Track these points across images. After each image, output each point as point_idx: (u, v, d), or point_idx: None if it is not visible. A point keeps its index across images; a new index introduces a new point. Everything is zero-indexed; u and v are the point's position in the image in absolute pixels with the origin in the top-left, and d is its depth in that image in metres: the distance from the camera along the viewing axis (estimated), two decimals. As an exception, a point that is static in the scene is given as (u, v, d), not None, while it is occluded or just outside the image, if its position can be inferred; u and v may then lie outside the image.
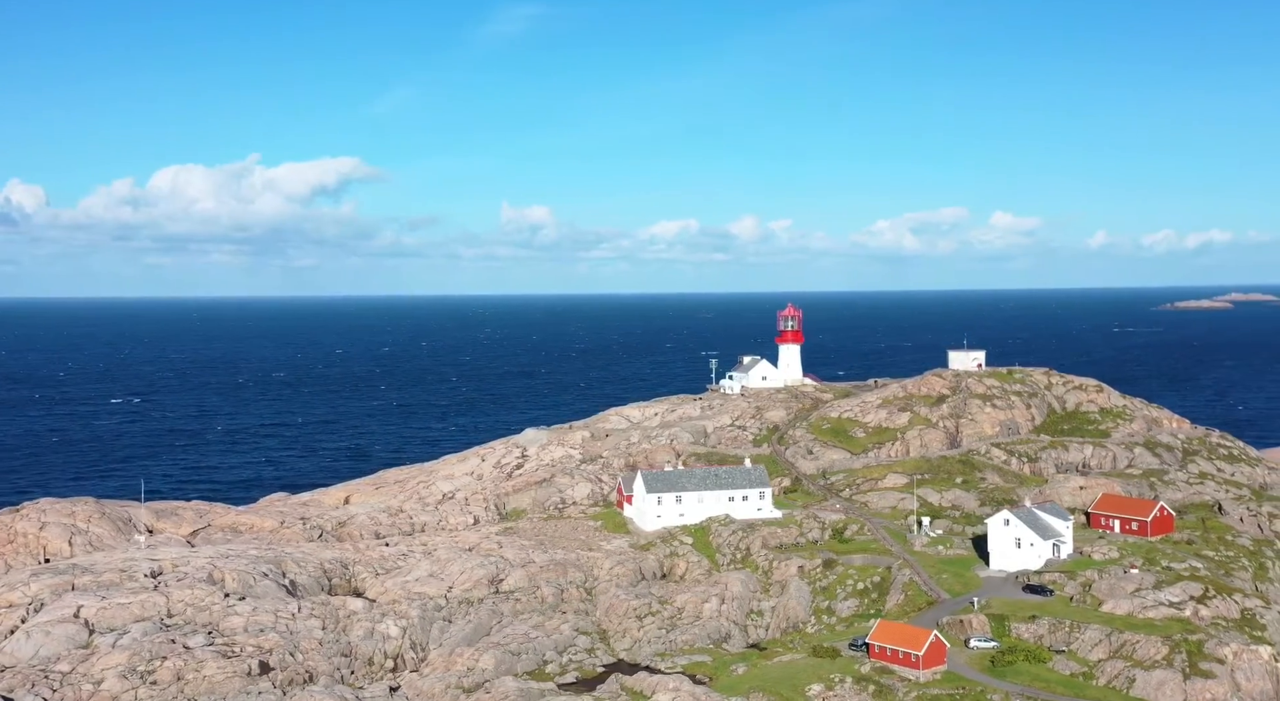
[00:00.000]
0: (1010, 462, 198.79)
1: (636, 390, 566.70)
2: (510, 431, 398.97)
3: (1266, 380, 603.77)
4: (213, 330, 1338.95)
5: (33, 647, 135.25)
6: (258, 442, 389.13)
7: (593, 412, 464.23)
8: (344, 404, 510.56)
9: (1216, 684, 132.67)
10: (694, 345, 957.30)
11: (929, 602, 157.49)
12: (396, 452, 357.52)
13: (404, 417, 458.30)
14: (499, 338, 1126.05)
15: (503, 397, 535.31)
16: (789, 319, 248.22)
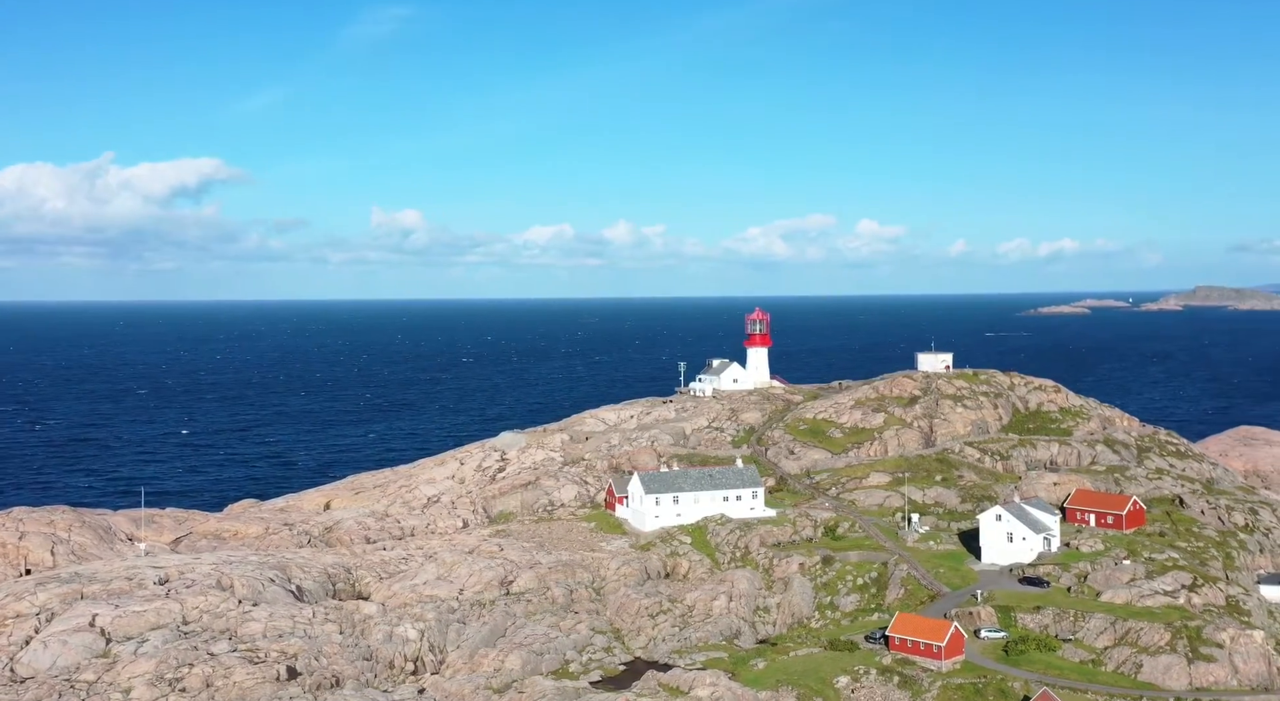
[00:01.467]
0: (984, 461, 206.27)
1: (553, 394, 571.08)
2: (431, 440, 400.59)
3: (1147, 380, 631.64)
4: (77, 335, 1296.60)
5: (50, 657, 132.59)
6: (176, 451, 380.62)
7: (513, 417, 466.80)
8: (248, 411, 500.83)
9: (1218, 667, 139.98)
10: (588, 350, 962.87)
11: (930, 596, 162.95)
12: (324, 462, 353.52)
13: (321, 425, 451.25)
14: (385, 343, 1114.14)
15: (411, 404, 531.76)
16: (756, 322, 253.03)
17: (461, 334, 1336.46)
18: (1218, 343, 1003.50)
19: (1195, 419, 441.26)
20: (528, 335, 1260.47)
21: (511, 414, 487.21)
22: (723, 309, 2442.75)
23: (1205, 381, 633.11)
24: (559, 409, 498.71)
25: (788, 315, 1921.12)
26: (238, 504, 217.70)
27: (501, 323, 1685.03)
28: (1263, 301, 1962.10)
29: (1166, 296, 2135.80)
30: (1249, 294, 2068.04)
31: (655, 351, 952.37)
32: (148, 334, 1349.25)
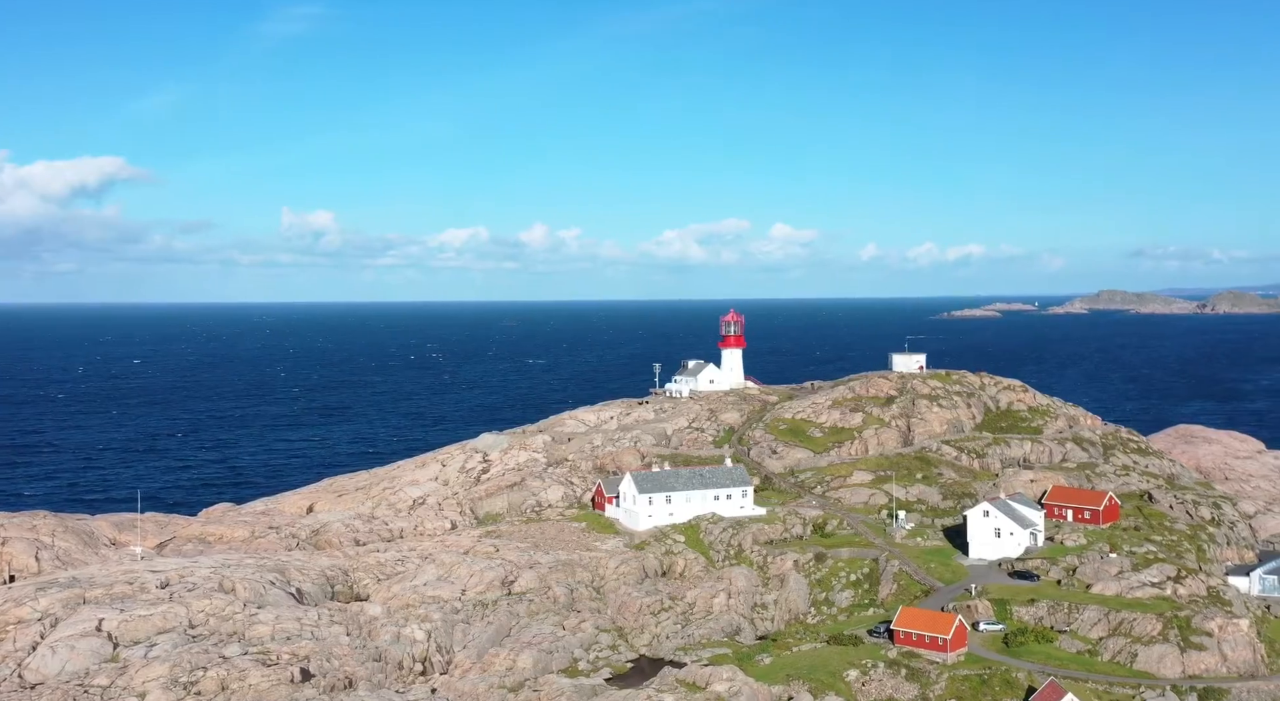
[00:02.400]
0: (961, 459, 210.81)
1: (490, 397, 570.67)
2: (377, 443, 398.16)
3: (1069, 383, 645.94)
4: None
5: (59, 663, 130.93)
6: (117, 456, 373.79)
7: (456, 420, 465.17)
8: (180, 415, 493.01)
9: (1209, 655, 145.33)
10: (516, 352, 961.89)
11: (924, 591, 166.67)
12: (274, 467, 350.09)
13: (262, 429, 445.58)
14: (307, 346, 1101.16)
15: (348, 407, 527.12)
16: (730, 324, 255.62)
17: (383, 336, 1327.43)
18: (1128, 345, 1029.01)
19: (1122, 420, 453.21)
20: (456, 339, 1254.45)
21: (455, 416, 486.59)
22: (642, 312, 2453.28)
23: (1123, 383, 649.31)
24: (502, 411, 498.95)
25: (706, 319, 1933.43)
26: (214, 507, 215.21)
27: (420, 325, 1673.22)
28: (1161, 305, 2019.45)
29: (1072, 300, 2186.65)
30: (1149, 298, 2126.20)
31: (582, 353, 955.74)
32: (54, 337, 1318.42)
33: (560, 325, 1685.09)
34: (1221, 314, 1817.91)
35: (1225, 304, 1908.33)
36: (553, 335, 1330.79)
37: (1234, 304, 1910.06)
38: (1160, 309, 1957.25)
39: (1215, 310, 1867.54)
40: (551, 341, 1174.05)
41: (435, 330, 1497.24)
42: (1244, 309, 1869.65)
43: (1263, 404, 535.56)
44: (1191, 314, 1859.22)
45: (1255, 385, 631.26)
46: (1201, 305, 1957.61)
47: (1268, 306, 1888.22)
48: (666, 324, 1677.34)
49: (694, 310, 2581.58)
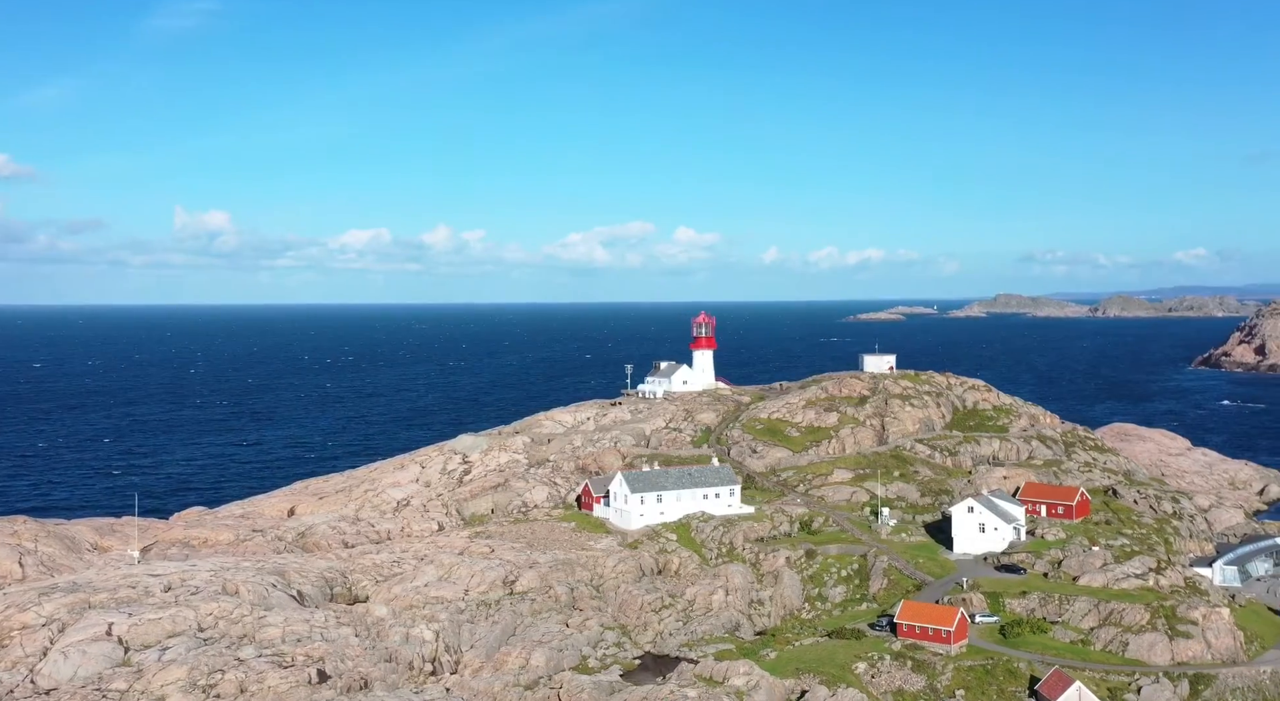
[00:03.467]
0: (935, 457, 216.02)
1: (421, 400, 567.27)
2: (313, 448, 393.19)
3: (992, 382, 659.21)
4: None
5: (71, 668, 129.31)
6: (44, 461, 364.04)
7: (384, 424, 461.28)
8: (100, 420, 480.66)
9: (1195, 642, 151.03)
10: (435, 355, 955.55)
11: (915, 586, 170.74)
12: (214, 473, 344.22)
13: (192, 434, 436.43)
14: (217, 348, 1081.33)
15: (275, 411, 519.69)
16: (702, 325, 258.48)
17: (290, 339, 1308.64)
18: (1031, 347, 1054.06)
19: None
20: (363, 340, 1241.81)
21: (388, 420, 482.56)
22: (547, 315, 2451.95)
23: (1037, 384, 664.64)
24: (434, 414, 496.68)
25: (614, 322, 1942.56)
26: (188, 511, 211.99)
27: (325, 328, 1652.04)
28: (1055, 309, 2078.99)
29: (970, 304, 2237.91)
30: (1043, 302, 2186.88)
31: (503, 356, 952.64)
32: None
33: (471, 328, 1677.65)
34: (1112, 317, 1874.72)
35: (1115, 308, 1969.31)
36: (466, 338, 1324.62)
37: (1123, 308, 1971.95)
38: (1054, 312, 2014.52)
39: (1106, 314, 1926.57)
40: (468, 344, 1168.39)
41: (344, 333, 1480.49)
42: (1132, 312, 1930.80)
43: (1170, 404, 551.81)
44: (1084, 317, 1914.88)
45: (1160, 387, 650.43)
46: (1093, 309, 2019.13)
47: (1154, 310, 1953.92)
48: (575, 327, 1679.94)
49: (601, 313, 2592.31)
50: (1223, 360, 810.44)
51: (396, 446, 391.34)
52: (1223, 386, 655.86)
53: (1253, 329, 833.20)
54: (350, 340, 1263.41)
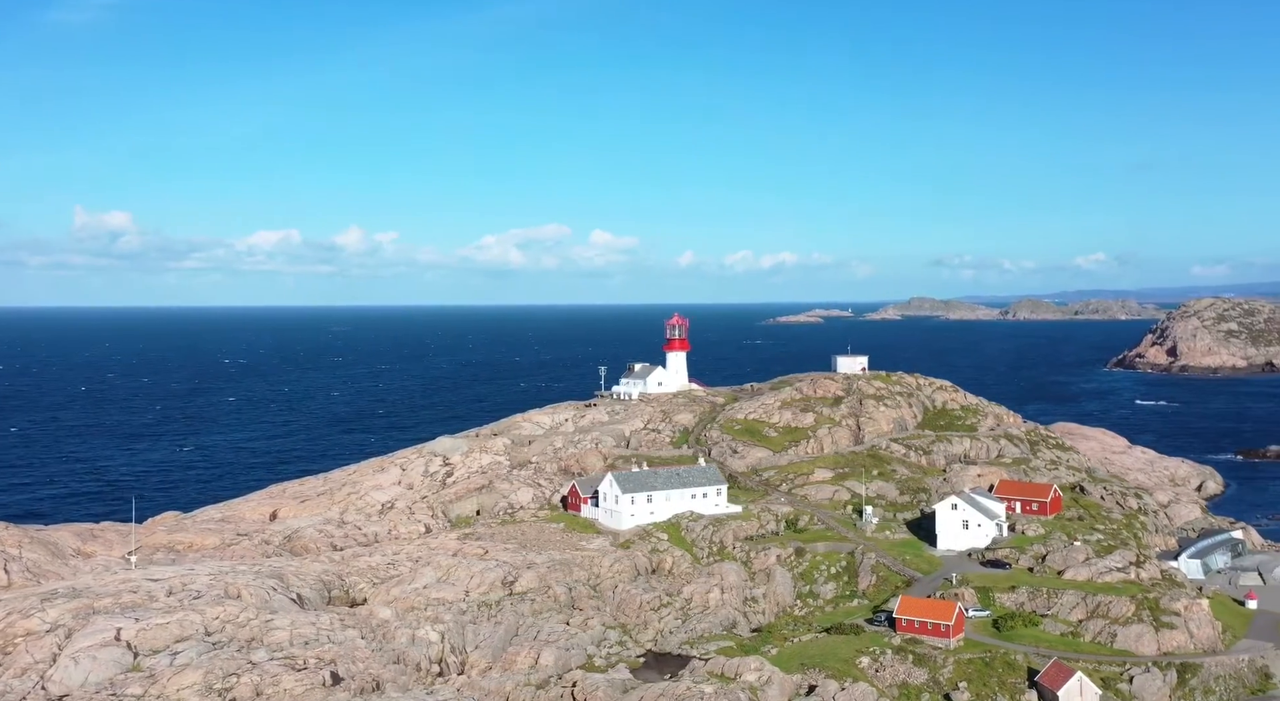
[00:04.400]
0: (909, 456, 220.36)
1: (356, 403, 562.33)
2: (260, 455, 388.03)
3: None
4: None
5: (82, 674, 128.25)
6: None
7: (327, 427, 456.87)
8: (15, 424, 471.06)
9: (1179, 633, 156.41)
10: (361, 359, 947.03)
11: (905, 582, 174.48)
12: (160, 478, 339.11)
13: (123, 439, 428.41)
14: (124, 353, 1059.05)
15: (208, 415, 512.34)
16: (675, 327, 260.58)
17: (202, 342, 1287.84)
18: (950, 349, 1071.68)
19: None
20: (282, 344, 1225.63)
21: (324, 423, 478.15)
22: (461, 317, 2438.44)
23: (964, 385, 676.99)
24: (375, 418, 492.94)
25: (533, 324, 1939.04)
26: (163, 516, 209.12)
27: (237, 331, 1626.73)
28: (967, 311, 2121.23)
29: (885, 306, 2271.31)
30: (955, 305, 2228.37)
31: (432, 359, 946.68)
32: None
33: (392, 330, 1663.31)
34: (1022, 320, 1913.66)
35: (1025, 311, 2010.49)
36: (388, 340, 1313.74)
37: (1032, 311, 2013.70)
38: (967, 315, 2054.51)
39: (1016, 316, 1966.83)
40: (391, 347, 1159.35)
41: (260, 336, 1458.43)
42: (1041, 315, 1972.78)
43: (1094, 404, 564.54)
44: (996, 320, 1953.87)
45: (1080, 388, 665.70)
46: (1003, 311, 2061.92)
47: (1061, 313, 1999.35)
48: (497, 330, 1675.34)
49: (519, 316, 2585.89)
50: (1136, 361, 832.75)
51: (345, 450, 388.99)
52: (1139, 387, 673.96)
53: (1164, 331, 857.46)
54: (268, 343, 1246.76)
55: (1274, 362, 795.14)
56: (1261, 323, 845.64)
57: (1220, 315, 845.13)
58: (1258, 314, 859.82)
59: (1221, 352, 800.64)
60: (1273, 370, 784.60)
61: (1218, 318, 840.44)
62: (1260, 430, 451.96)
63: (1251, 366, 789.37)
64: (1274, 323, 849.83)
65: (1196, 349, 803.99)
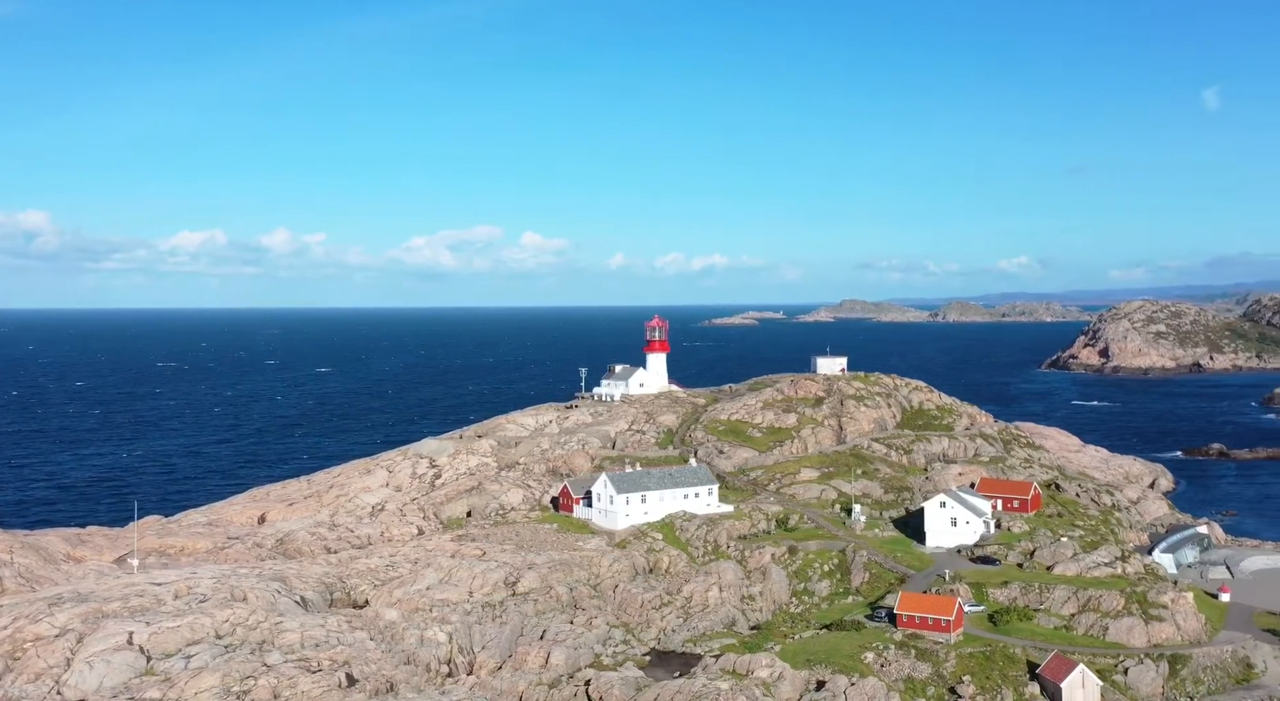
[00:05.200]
0: (891, 455, 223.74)
1: (301, 405, 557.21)
2: (212, 460, 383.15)
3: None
4: None
5: (97, 678, 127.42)
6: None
7: (277, 431, 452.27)
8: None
9: (1167, 625, 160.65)
10: (299, 362, 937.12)
11: (898, 579, 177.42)
12: (106, 485, 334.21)
13: (64, 445, 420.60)
14: (50, 357, 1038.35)
15: (150, 419, 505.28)
16: (655, 329, 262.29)
17: (131, 345, 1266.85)
18: (886, 351, 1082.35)
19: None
20: (213, 347, 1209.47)
21: (277, 427, 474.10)
22: (393, 319, 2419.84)
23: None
24: (325, 422, 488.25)
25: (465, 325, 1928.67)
26: (145, 520, 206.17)
27: (164, 334, 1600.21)
28: (898, 314, 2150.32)
29: (817, 309, 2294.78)
30: (886, 307, 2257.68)
31: (375, 362, 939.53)
32: None
33: (322, 333, 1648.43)
34: (952, 322, 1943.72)
35: (954, 313, 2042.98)
36: (324, 344, 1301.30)
37: (961, 313, 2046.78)
38: (898, 317, 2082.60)
39: (946, 318, 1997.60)
40: (329, 350, 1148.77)
41: (191, 339, 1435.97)
42: (970, 318, 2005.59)
43: (1035, 405, 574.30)
44: (926, 322, 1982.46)
45: (1019, 389, 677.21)
46: (933, 314, 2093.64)
47: (989, 315, 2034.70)
48: (433, 332, 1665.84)
49: (452, 318, 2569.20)
50: (1070, 362, 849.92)
51: (302, 454, 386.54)
52: (1075, 387, 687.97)
53: (1096, 333, 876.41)
54: (202, 346, 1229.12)
55: (1200, 363, 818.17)
56: (1188, 325, 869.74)
57: (1149, 317, 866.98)
58: (1184, 316, 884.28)
59: (1151, 354, 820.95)
60: (1200, 370, 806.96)
61: (1147, 320, 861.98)
62: (1196, 429, 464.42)
63: (1180, 367, 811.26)
64: (1199, 325, 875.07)
65: (1128, 350, 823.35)
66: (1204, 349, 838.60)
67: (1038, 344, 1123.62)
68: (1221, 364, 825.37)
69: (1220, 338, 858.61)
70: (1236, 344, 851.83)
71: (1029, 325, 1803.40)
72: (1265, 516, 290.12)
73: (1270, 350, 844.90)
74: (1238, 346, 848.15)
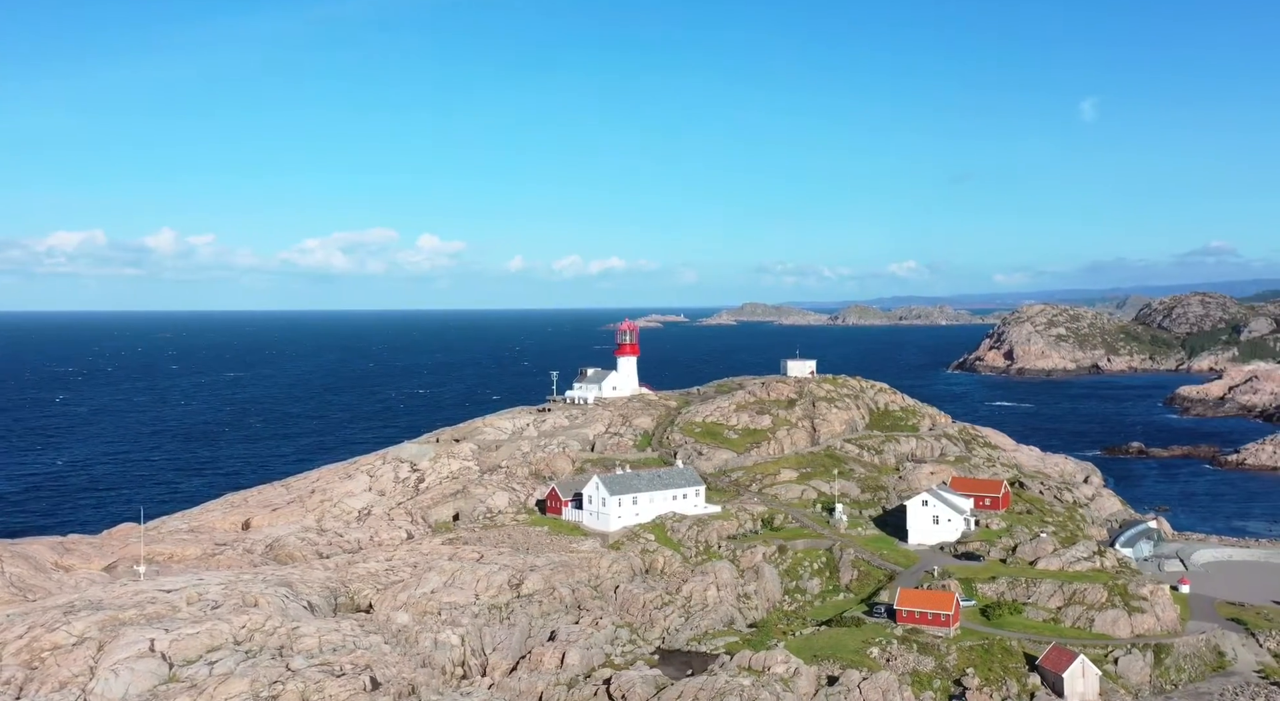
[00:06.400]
0: (863, 455, 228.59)
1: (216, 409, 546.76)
2: (143, 467, 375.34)
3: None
4: None
5: (122, 686, 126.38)
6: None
7: (202, 438, 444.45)
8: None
9: (1148, 617, 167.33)
10: (206, 366, 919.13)
11: (887, 575, 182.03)
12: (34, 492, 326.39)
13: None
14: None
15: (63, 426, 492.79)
16: (626, 333, 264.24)
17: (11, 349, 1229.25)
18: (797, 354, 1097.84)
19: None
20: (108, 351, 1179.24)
21: (201, 434, 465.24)
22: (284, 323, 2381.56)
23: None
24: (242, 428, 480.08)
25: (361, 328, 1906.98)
26: (116, 528, 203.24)
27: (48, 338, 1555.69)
28: (799, 317, 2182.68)
29: (719, 312, 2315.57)
30: (786, 310, 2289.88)
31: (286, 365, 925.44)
32: None
33: (216, 337, 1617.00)
34: (851, 325, 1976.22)
35: (853, 316, 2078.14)
36: (222, 348, 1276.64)
37: (860, 316, 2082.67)
38: (798, 320, 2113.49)
39: (846, 322, 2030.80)
40: (232, 355, 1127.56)
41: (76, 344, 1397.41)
42: (869, 321, 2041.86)
43: (952, 407, 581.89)
44: (826, 325, 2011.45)
45: (932, 390, 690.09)
46: (833, 317, 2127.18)
47: (887, 318, 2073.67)
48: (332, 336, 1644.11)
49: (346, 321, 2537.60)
50: (976, 364, 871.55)
51: (238, 461, 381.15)
52: (984, 389, 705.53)
53: (1001, 336, 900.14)
54: (97, 350, 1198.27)
55: (1099, 365, 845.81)
56: (1086, 328, 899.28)
57: (1050, 321, 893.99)
58: (1081, 320, 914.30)
59: (1054, 356, 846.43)
60: (1099, 372, 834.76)
61: (1048, 323, 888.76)
62: (1109, 428, 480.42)
63: (1080, 368, 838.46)
64: (1096, 328, 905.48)
65: (1031, 352, 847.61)
66: (1101, 351, 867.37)
67: (938, 346, 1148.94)
68: (1118, 365, 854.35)
69: (1116, 340, 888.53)
70: (1131, 346, 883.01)
71: (925, 328, 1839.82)
72: (1195, 512, 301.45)
73: (1162, 352, 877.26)
74: (1133, 349, 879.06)
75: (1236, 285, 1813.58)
